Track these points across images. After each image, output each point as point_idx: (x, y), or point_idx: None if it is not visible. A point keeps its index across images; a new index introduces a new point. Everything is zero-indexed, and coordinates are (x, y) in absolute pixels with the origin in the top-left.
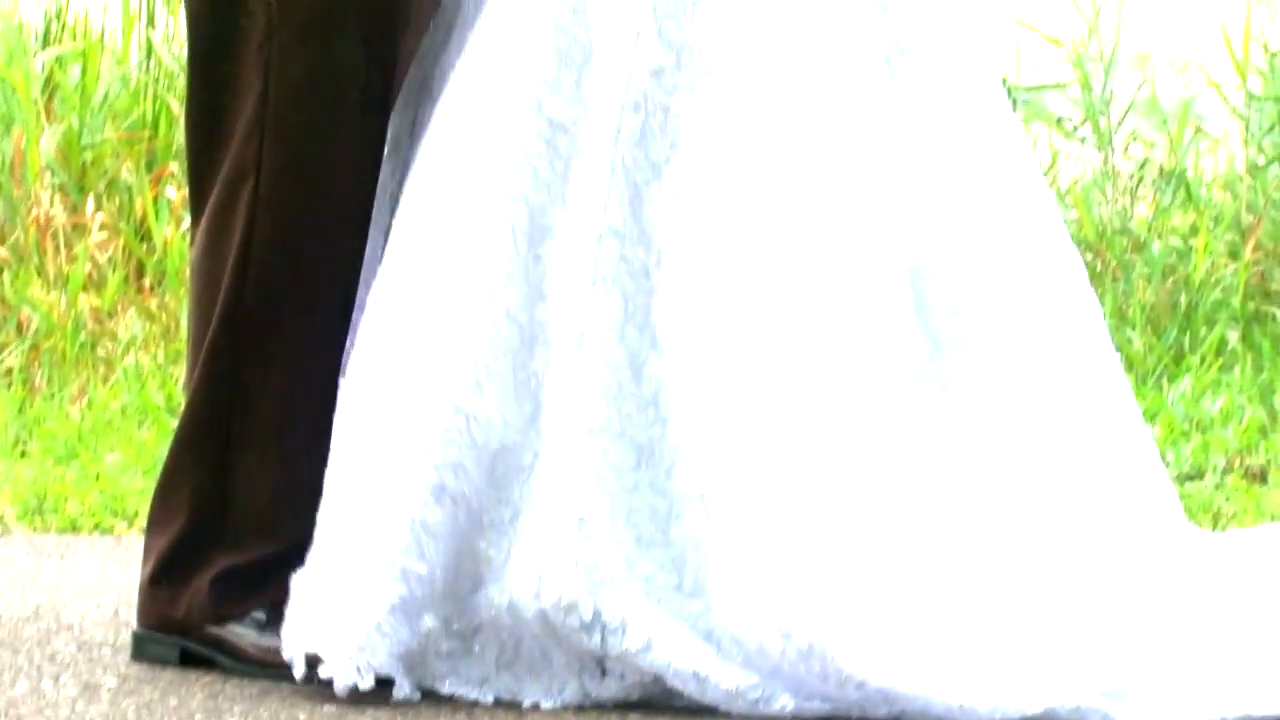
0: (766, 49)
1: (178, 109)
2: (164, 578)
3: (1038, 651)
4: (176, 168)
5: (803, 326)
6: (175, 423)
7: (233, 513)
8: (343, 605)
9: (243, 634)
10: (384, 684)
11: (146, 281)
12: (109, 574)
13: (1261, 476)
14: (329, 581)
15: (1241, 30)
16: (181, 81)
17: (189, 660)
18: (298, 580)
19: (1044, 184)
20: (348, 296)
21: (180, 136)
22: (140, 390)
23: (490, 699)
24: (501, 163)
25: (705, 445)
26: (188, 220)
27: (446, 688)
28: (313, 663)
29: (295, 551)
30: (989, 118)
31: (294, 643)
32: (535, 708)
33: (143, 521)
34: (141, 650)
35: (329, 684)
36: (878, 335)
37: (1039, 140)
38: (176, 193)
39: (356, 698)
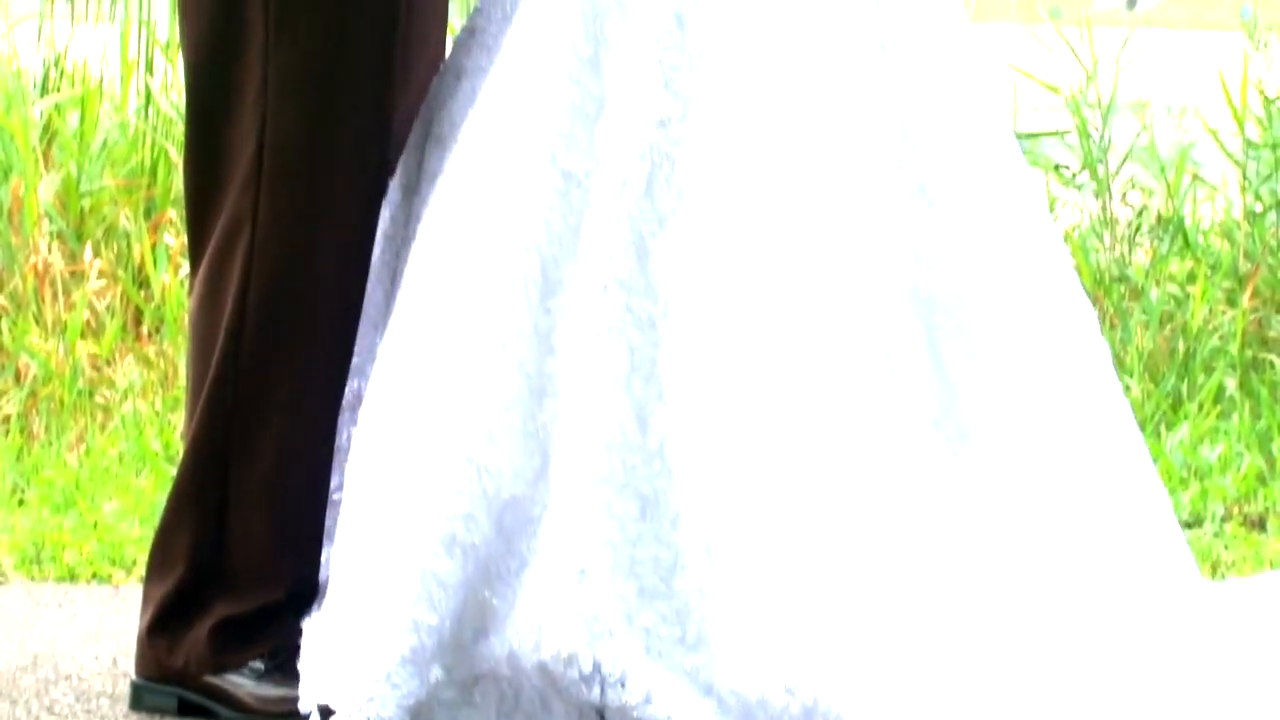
0: (773, 101)
1: (176, 156)
2: (163, 627)
3: (1045, 711)
4: (175, 214)
5: (813, 378)
6: (174, 471)
7: (231, 562)
8: (354, 656)
9: (241, 684)
10: None
11: (145, 328)
12: (107, 623)
13: (1260, 524)
14: (341, 631)
15: (1239, 77)
16: (180, 129)
17: (187, 710)
18: (309, 629)
19: (1054, 230)
20: (346, 345)
21: (179, 183)
22: (138, 438)
23: None
24: (515, 215)
25: (711, 496)
26: (186, 267)
27: None
28: (325, 713)
29: (293, 601)
30: (1000, 164)
31: (308, 693)
32: None
33: (141, 570)
34: (140, 700)
35: None
36: (891, 384)
37: (1036, 187)
38: (175, 239)
39: None
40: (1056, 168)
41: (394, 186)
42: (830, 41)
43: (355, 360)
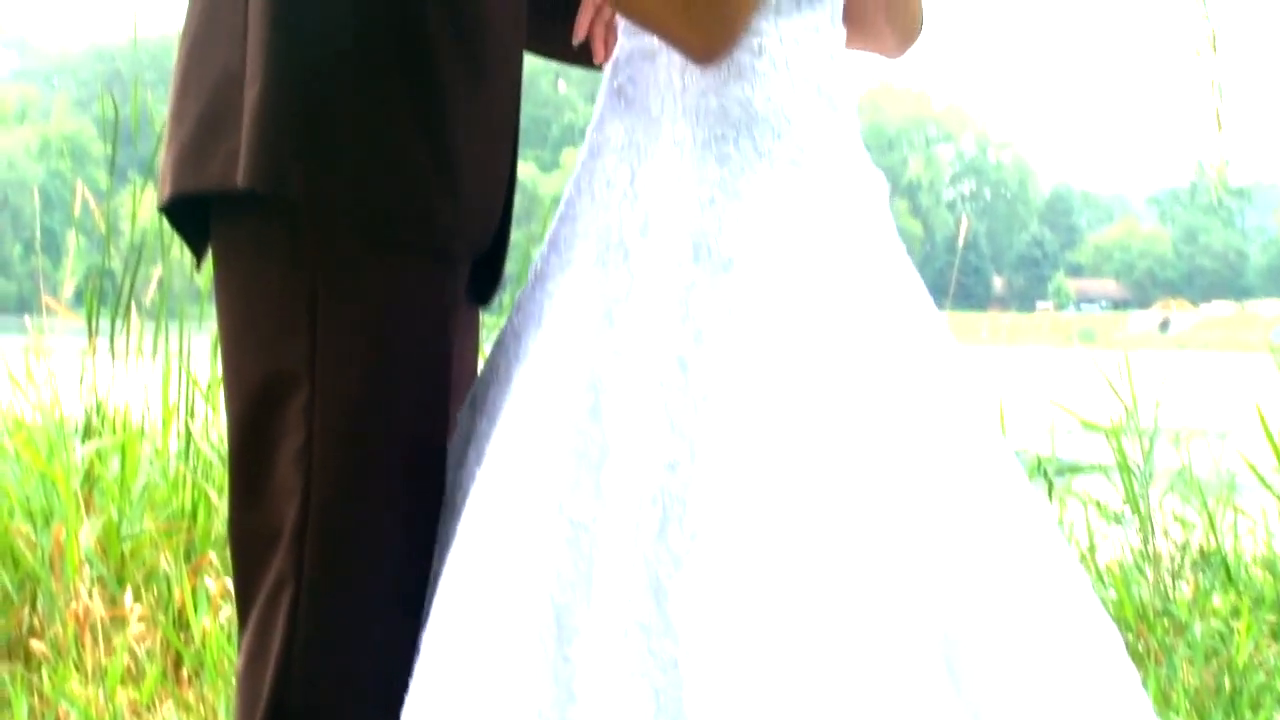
0: (780, 439)
1: (216, 499)
2: None
3: None
4: (215, 557)
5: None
6: None
7: None
8: None
9: None
10: None
11: (185, 672)
12: None
13: None
14: None
15: (1276, 403)
16: (220, 471)
17: None
18: None
19: (1073, 558)
20: (391, 707)
21: (219, 526)
22: None
23: None
24: (525, 567)
25: None
26: (226, 610)
27: None
28: None
29: None
30: (1007, 490)
31: None
32: None
33: None
34: None
35: None
36: (915, 714)
37: (1077, 521)
38: (215, 582)
39: None
40: (1098, 504)
41: None
42: (832, 380)
43: None
